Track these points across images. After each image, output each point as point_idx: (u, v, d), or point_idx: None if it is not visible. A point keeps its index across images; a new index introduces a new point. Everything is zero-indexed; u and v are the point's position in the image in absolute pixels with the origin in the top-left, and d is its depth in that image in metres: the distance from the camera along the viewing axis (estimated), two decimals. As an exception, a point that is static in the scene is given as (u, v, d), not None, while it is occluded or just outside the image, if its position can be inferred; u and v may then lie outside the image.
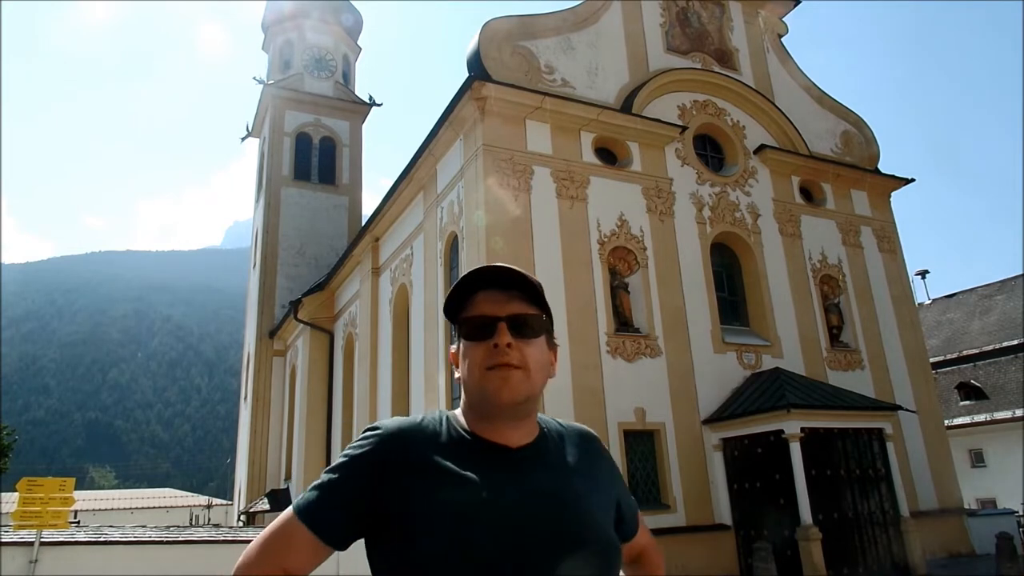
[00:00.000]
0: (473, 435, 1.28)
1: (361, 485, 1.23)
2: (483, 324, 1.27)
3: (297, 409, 21.14)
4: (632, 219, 13.00)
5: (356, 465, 1.25)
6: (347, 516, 1.23)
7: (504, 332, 1.25)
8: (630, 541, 1.46)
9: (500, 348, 1.24)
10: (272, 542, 1.25)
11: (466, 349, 1.29)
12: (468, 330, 1.29)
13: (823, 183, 16.01)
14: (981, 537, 13.58)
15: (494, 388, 1.24)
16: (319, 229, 25.48)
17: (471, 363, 1.27)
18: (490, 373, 1.24)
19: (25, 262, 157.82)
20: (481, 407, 1.28)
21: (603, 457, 1.40)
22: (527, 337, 1.27)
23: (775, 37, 17.09)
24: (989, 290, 26.02)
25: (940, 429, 15.20)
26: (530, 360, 1.26)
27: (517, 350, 1.25)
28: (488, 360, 1.24)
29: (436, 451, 1.25)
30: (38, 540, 8.57)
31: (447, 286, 13.32)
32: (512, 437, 1.28)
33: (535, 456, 1.28)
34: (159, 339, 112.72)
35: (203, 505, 35.76)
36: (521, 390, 1.24)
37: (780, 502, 11.04)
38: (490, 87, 12.11)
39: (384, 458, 1.24)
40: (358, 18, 30.36)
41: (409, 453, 1.25)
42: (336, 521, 1.24)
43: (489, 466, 1.23)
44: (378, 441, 1.27)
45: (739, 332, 13.71)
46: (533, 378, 1.26)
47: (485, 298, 1.29)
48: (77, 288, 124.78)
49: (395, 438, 1.27)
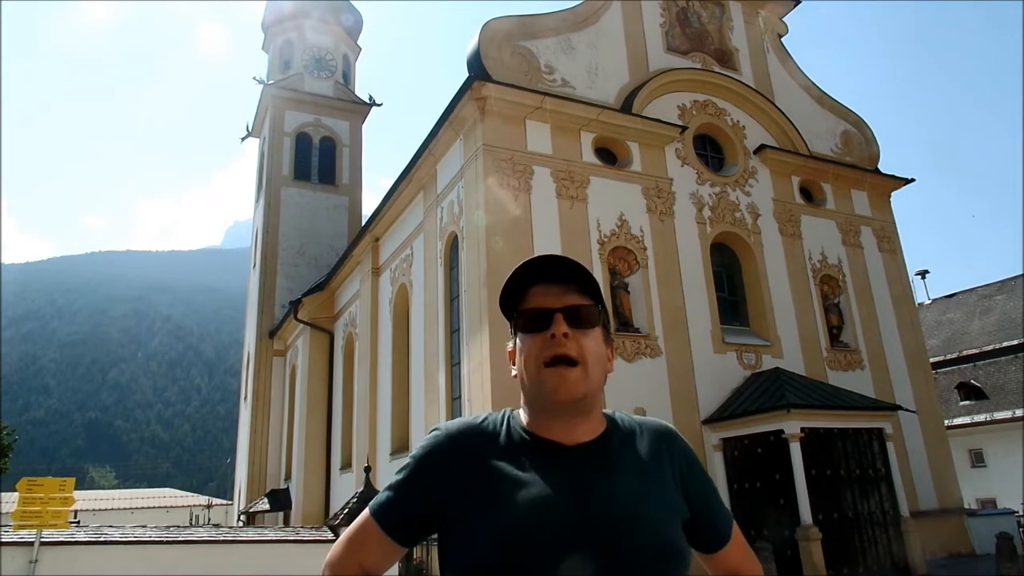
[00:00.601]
0: (531, 434, 1.29)
1: (424, 486, 1.28)
2: (539, 316, 1.27)
3: (297, 409, 21.14)
4: (632, 219, 13.00)
5: (420, 466, 1.30)
6: (412, 516, 1.29)
7: (560, 322, 1.25)
8: (717, 552, 1.39)
9: (557, 338, 1.24)
10: (352, 540, 1.33)
11: (522, 343, 1.29)
12: (524, 322, 1.29)
13: (823, 183, 16.01)
14: (981, 537, 13.58)
15: (552, 386, 1.24)
16: (319, 229, 25.48)
17: (527, 356, 1.27)
18: (547, 371, 1.24)
19: (25, 262, 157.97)
20: (538, 404, 1.28)
21: (680, 456, 1.36)
22: (583, 328, 1.27)
23: (775, 37, 17.09)
24: (989, 290, 26.01)
25: (940, 429, 15.20)
26: (587, 352, 1.26)
27: (574, 340, 1.25)
28: (545, 351, 1.25)
29: (494, 451, 1.28)
30: (38, 540, 8.57)
31: (447, 286, 13.32)
32: (572, 434, 1.27)
33: (594, 454, 1.27)
34: (159, 339, 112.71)
35: (203, 505, 35.75)
36: (579, 388, 1.24)
37: (780, 502, 11.04)
38: (490, 87, 12.11)
39: (445, 460, 1.29)
40: (358, 18, 30.36)
41: (468, 454, 1.28)
42: (403, 520, 1.30)
43: (545, 465, 1.24)
44: (439, 443, 1.31)
45: (739, 332, 13.71)
46: (591, 374, 1.26)
47: (540, 291, 1.29)
48: (77, 288, 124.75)
49: (455, 440, 1.31)
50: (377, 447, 15.62)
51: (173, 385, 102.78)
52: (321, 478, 19.26)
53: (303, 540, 9.93)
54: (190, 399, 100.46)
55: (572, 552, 1.14)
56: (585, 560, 1.14)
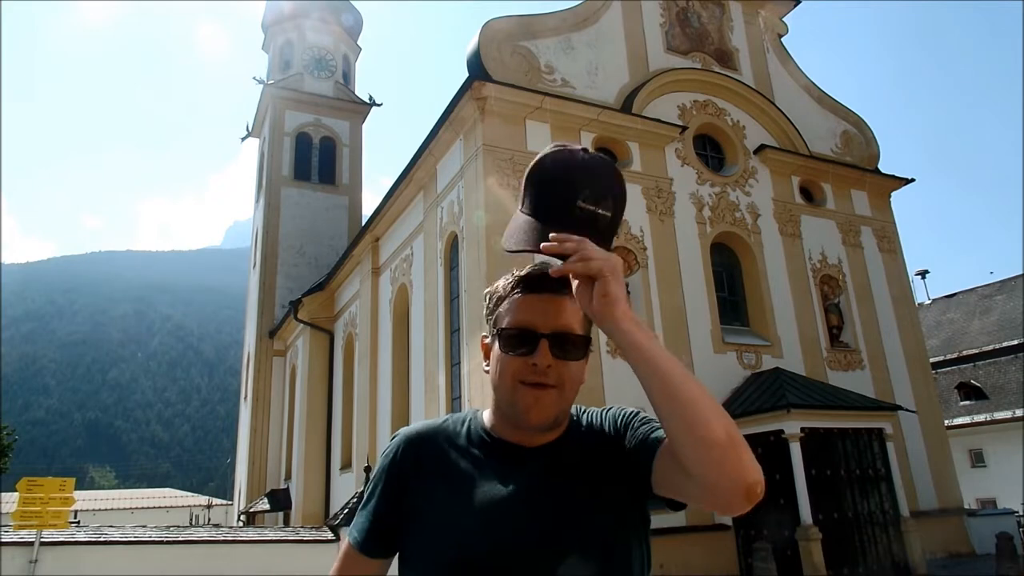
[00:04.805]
0: (491, 435, 1.27)
1: (384, 495, 1.29)
2: (524, 338, 1.18)
3: (297, 409, 21.14)
4: (632, 219, 13.00)
5: (380, 477, 1.31)
6: (380, 527, 1.29)
7: (545, 352, 1.16)
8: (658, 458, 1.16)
9: (539, 368, 1.16)
10: (339, 565, 1.35)
11: (501, 356, 1.21)
12: (506, 341, 1.20)
13: (823, 183, 16.01)
14: (981, 537, 13.58)
15: (524, 407, 1.18)
16: (319, 229, 25.48)
17: (503, 371, 1.20)
18: (523, 388, 1.18)
19: (25, 262, 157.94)
20: (507, 415, 1.24)
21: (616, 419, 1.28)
22: (567, 359, 1.18)
23: (775, 37, 17.09)
24: (989, 290, 26.01)
25: (940, 429, 15.20)
26: (566, 379, 1.19)
27: (555, 371, 1.17)
28: (523, 375, 1.17)
29: (450, 452, 1.27)
30: (38, 540, 8.58)
31: (447, 286, 13.32)
32: (533, 439, 1.25)
33: (549, 456, 1.24)
34: (159, 339, 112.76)
35: (203, 505, 35.75)
36: (552, 411, 1.20)
37: (780, 502, 11.03)
38: (490, 87, 12.11)
39: (402, 465, 1.29)
40: (358, 18, 30.36)
41: (424, 457, 1.28)
42: (380, 538, 1.30)
43: (499, 465, 1.24)
44: (396, 449, 1.31)
45: (739, 332, 13.71)
46: (566, 396, 1.21)
47: (531, 304, 1.19)
48: (77, 288, 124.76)
49: (412, 443, 1.31)
50: (377, 447, 15.61)
51: (173, 385, 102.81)
52: (321, 478, 19.26)
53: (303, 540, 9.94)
54: (190, 399, 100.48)
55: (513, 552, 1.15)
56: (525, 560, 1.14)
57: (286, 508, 20.54)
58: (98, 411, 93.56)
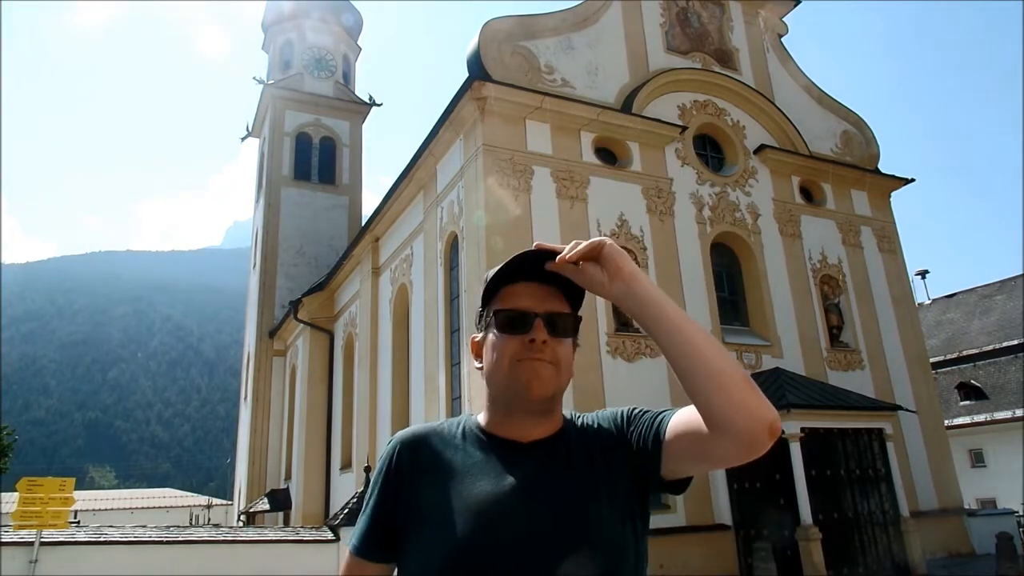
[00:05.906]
0: (487, 433, 1.29)
1: (382, 499, 1.30)
2: (520, 318, 1.25)
3: (297, 409, 21.14)
4: (632, 219, 13.00)
5: (377, 481, 1.33)
6: (378, 531, 1.30)
7: (541, 328, 1.23)
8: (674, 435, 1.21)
9: (536, 344, 1.23)
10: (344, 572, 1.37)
11: (496, 341, 1.26)
12: (502, 322, 1.26)
13: (823, 183, 16.01)
14: (981, 537, 13.59)
15: (525, 380, 1.23)
16: (319, 229, 25.48)
17: (500, 354, 1.25)
18: (520, 364, 1.23)
19: (25, 262, 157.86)
20: (505, 399, 1.28)
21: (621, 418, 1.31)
22: (561, 336, 1.26)
23: (775, 37, 17.09)
24: (989, 290, 26.01)
25: (940, 429, 15.20)
26: (561, 359, 1.25)
27: (551, 348, 1.24)
28: (521, 354, 1.23)
29: (446, 452, 1.28)
30: (38, 540, 8.58)
31: (447, 286, 13.32)
32: (528, 433, 1.27)
33: (545, 452, 1.26)
34: (159, 339, 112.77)
35: (203, 505, 35.76)
36: (550, 385, 1.25)
37: (780, 502, 11.04)
38: (490, 87, 12.11)
39: (398, 467, 1.30)
40: (358, 18, 30.37)
41: (420, 458, 1.29)
42: (370, 539, 1.31)
43: (495, 461, 1.25)
44: (392, 452, 1.32)
45: (739, 332, 13.71)
46: (562, 375, 1.26)
47: (523, 290, 1.27)
48: (77, 288, 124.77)
49: (407, 446, 1.32)
50: (377, 447, 15.61)
51: (173, 385, 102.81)
52: (321, 478, 19.26)
53: (303, 540, 9.94)
54: (190, 399, 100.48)
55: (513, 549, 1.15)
56: (527, 557, 1.15)
57: (286, 508, 20.54)
58: (98, 411, 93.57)
